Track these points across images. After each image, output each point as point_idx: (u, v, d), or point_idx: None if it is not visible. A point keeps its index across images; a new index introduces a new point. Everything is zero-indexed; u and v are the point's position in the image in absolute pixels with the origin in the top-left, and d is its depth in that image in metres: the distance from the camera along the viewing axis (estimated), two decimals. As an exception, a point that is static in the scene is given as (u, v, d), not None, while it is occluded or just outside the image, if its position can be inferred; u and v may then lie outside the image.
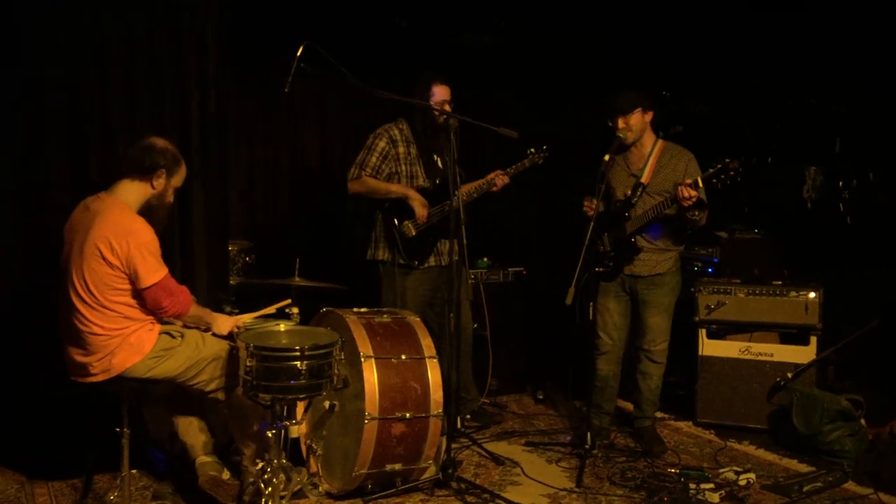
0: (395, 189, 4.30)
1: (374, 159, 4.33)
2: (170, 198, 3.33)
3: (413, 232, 4.31)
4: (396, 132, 4.38)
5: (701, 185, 3.83)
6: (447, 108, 4.16)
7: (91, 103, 3.93)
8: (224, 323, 3.39)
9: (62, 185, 3.84)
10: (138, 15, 4.00)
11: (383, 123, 4.44)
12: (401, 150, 4.36)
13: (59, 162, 3.89)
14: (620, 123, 4.08)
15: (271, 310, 3.58)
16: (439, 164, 4.45)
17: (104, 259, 3.03)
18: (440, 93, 4.28)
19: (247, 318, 3.50)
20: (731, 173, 3.78)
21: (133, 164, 3.21)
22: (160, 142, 3.27)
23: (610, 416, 4.40)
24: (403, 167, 4.36)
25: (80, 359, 3.12)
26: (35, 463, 3.73)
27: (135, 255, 3.04)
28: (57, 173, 3.88)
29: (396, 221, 4.31)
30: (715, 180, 3.82)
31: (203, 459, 3.44)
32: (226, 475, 3.44)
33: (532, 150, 4.51)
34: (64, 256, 3.18)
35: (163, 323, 3.27)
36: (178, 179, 3.33)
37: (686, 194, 3.82)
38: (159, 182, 3.23)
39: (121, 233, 3.05)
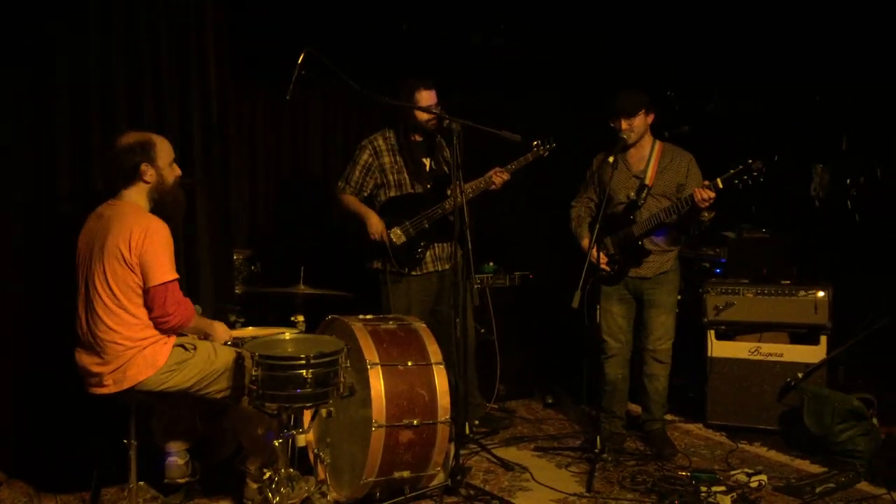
0: (359, 210, 4.31)
1: (356, 173, 4.35)
2: (171, 176, 3.27)
3: (402, 238, 4.30)
4: (381, 142, 4.37)
5: (721, 186, 3.80)
6: (434, 112, 4.14)
7: (95, 115, 3.93)
8: (223, 333, 3.36)
9: (69, 197, 3.85)
10: (141, 26, 4.00)
11: (385, 128, 4.43)
12: (386, 160, 4.34)
13: (65, 173, 3.89)
14: (624, 125, 4.06)
15: (271, 331, 3.55)
16: (428, 167, 4.43)
17: (124, 260, 3.03)
18: (425, 99, 4.23)
19: (246, 332, 3.50)
20: (755, 174, 3.74)
21: (118, 176, 3.21)
22: (124, 140, 3.21)
23: (622, 421, 4.37)
24: (391, 177, 4.35)
25: (94, 368, 3.11)
26: (43, 475, 3.72)
27: (148, 251, 3.03)
28: (64, 184, 3.88)
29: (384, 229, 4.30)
30: (737, 181, 3.78)
31: (174, 460, 3.47)
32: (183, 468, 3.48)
33: (536, 142, 4.37)
34: (80, 265, 3.18)
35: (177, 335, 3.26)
36: (165, 156, 3.25)
37: (705, 195, 3.80)
38: (149, 174, 3.20)
39: (138, 230, 3.05)
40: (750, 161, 3.76)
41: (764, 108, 5.59)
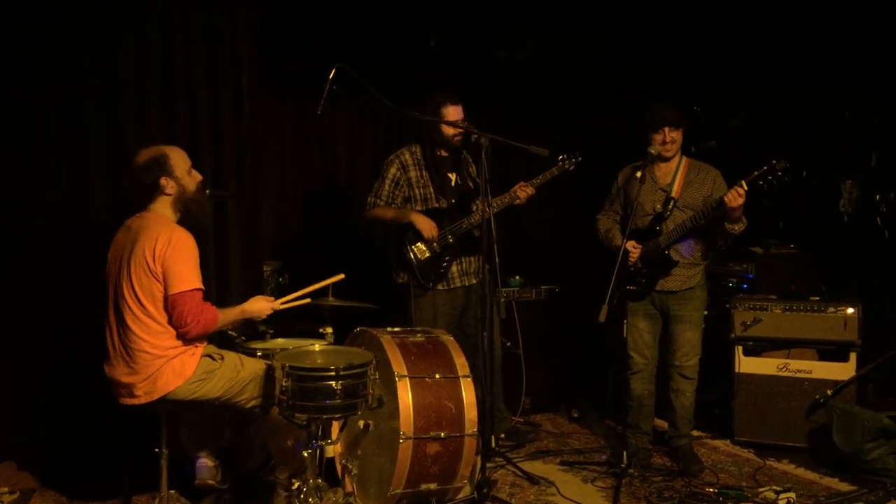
0: (400, 215, 4.31)
1: (386, 188, 4.36)
2: (192, 183, 3.30)
3: (426, 254, 4.30)
4: (408, 156, 4.39)
5: (746, 188, 3.78)
6: (461, 127, 4.16)
7: (130, 125, 4.00)
8: (261, 307, 3.37)
9: (106, 206, 3.92)
10: (177, 38, 4.08)
11: (413, 143, 4.46)
12: (412, 174, 4.36)
13: (101, 183, 3.96)
14: (667, 137, 4.06)
15: (322, 285, 3.57)
16: (453, 182, 4.45)
17: (149, 268, 3.08)
18: (451, 113, 4.25)
19: (287, 298, 3.50)
20: (780, 174, 3.73)
21: (140, 195, 3.26)
22: (140, 158, 3.25)
23: (648, 436, 4.35)
24: (417, 191, 4.37)
25: (124, 378, 3.15)
26: (76, 484, 3.78)
27: (169, 258, 3.07)
28: (100, 194, 3.95)
29: (408, 244, 4.31)
30: (762, 182, 3.77)
31: (205, 462, 3.50)
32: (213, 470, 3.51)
33: (562, 156, 4.38)
34: (110, 276, 3.23)
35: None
36: (181, 166, 3.28)
37: (736, 195, 3.79)
38: (170, 187, 3.24)
39: (163, 239, 3.09)
40: (774, 161, 3.75)
41: (792, 124, 5.56)
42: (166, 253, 3.07)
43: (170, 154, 3.28)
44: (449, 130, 4.29)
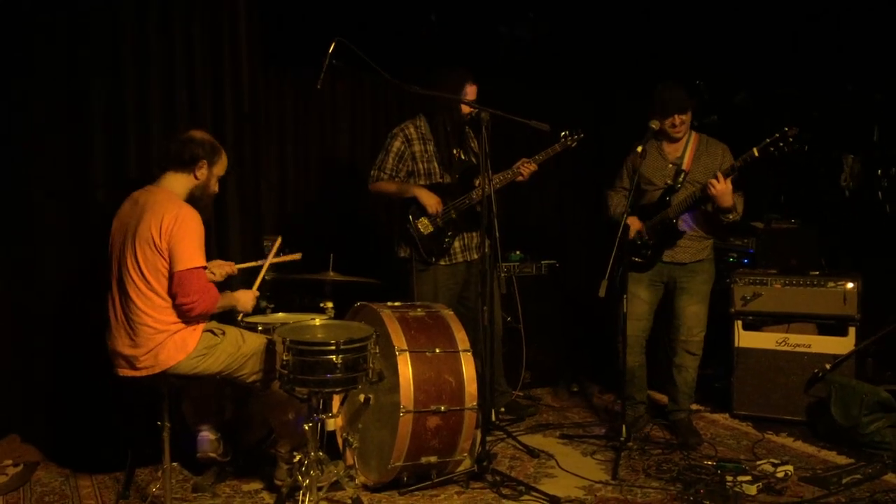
0: (403, 189, 4.31)
1: (390, 161, 4.36)
2: (213, 187, 3.38)
3: (430, 228, 4.31)
4: (412, 130, 4.39)
5: (758, 154, 3.80)
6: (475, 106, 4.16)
7: (130, 105, 4.00)
8: (247, 299, 3.42)
9: (105, 184, 3.92)
10: (176, 16, 4.06)
11: (417, 117, 4.45)
12: (416, 147, 4.36)
13: (100, 162, 3.96)
14: (676, 121, 4.07)
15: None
16: (459, 157, 4.45)
17: (154, 244, 3.09)
18: (471, 93, 4.26)
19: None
20: (791, 140, 3.73)
21: (175, 158, 3.28)
22: (198, 134, 3.33)
23: (644, 405, 4.38)
24: (421, 165, 4.37)
25: (126, 350, 3.16)
26: (79, 457, 3.81)
27: (176, 235, 3.08)
28: (99, 173, 3.95)
29: (411, 219, 4.31)
30: (773, 149, 3.78)
31: (206, 435, 3.51)
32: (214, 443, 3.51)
33: (565, 133, 4.38)
34: (114, 249, 3.24)
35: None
36: (220, 168, 3.37)
37: (713, 182, 3.84)
38: (202, 172, 3.28)
39: (170, 216, 3.10)
40: (786, 128, 3.75)
41: (793, 98, 5.53)
42: (173, 230, 3.09)
43: (223, 153, 3.38)
44: (465, 108, 4.29)
